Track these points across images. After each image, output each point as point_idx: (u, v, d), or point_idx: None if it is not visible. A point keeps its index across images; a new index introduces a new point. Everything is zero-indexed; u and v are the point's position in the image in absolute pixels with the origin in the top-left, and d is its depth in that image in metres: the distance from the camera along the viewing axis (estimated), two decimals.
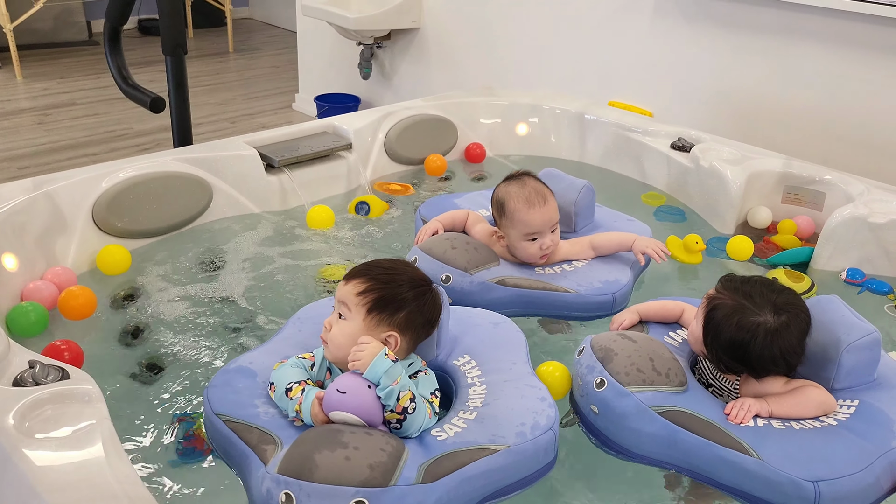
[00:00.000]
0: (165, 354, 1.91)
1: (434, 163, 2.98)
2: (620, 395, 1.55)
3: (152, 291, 2.18)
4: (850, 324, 1.61)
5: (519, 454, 1.41)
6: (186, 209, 2.45)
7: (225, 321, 2.06)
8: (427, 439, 1.42)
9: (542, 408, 1.50)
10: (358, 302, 1.51)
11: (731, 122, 3.34)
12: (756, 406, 1.53)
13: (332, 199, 2.75)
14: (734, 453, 1.45)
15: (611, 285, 2.02)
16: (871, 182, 2.56)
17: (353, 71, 5.11)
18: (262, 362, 1.64)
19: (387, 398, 1.39)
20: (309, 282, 2.26)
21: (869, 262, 2.40)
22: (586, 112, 3.17)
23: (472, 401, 1.53)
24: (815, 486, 1.38)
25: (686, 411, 1.52)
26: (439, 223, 2.21)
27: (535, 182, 2.08)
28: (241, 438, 1.45)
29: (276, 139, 2.73)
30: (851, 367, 1.60)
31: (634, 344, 1.63)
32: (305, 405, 1.45)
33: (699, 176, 2.72)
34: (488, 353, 1.67)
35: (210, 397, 1.55)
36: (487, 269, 2.02)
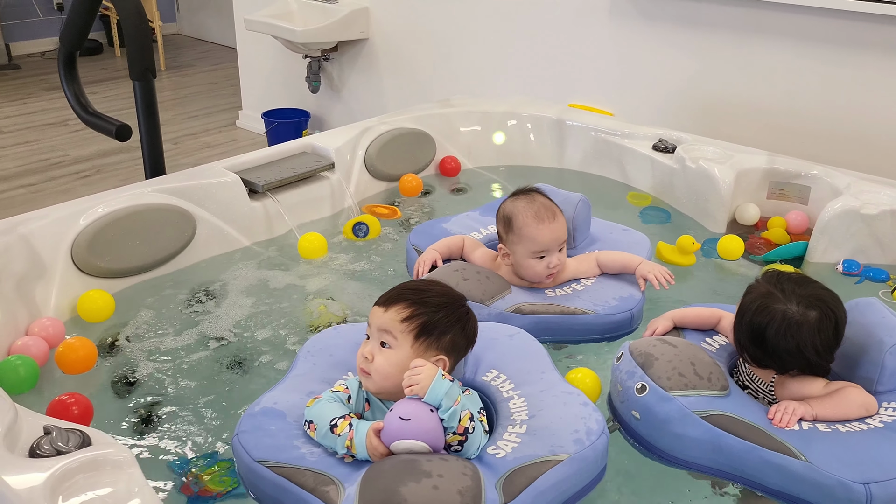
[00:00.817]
0: (164, 401, 1.80)
1: (409, 183, 2.88)
2: (663, 399, 1.54)
3: (142, 335, 2.05)
4: (891, 325, 1.61)
5: (582, 461, 1.39)
6: (171, 243, 2.31)
7: (222, 361, 1.96)
8: (486, 458, 1.38)
9: (588, 413, 1.49)
10: (404, 329, 1.45)
11: (694, 120, 3.37)
12: (801, 409, 1.52)
13: (319, 223, 2.64)
14: (781, 456, 1.44)
15: (626, 302, 1.99)
16: (855, 174, 2.60)
17: (300, 85, 4.97)
18: (287, 401, 1.55)
19: (450, 420, 1.35)
20: (306, 316, 2.16)
21: (862, 252, 2.44)
22: (564, 117, 3.14)
23: (517, 414, 1.50)
24: (867, 489, 1.37)
25: (730, 415, 1.51)
26: (436, 252, 2.13)
27: (544, 198, 2.04)
28: (295, 483, 1.37)
29: (254, 162, 2.61)
30: (895, 369, 1.59)
31: (675, 349, 1.62)
32: (358, 439, 1.38)
33: (686, 177, 2.72)
34: (514, 365, 1.64)
35: (245, 444, 1.45)
36: (502, 298, 1.96)
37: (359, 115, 4.80)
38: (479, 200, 2.93)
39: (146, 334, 2.05)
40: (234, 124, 5.56)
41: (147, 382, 1.87)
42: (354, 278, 2.33)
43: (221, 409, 1.78)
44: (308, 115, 4.98)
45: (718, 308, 1.82)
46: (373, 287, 2.27)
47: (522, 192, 2.08)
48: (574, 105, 3.78)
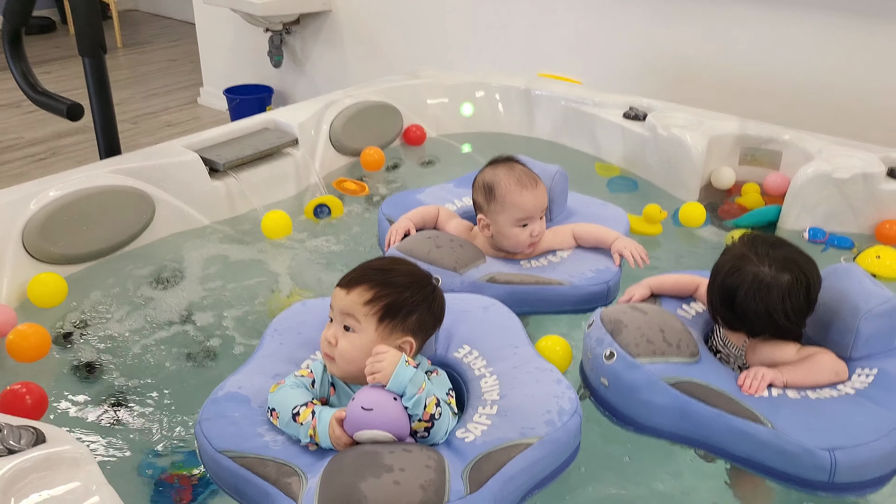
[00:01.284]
0: (125, 389, 1.73)
1: (371, 157, 2.79)
2: (630, 367, 1.52)
3: (100, 320, 1.98)
4: (868, 291, 1.58)
5: (553, 443, 1.35)
6: (128, 226, 2.22)
7: (185, 344, 1.90)
8: (455, 443, 1.34)
9: (561, 391, 1.44)
10: (367, 311, 1.39)
11: (663, 86, 3.32)
12: (770, 375, 1.50)
13: (284, 202, 2.56)
14: (748, 423, 1.42)
15: (603, 274, 1.95)
16: (827, 138, 2.58)
17: (262, 60, 4.84)
18: (251, 385, 1.50)
19: (414, 407, 1.30)
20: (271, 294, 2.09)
21: (834, 217, 2.42)
22: (532, 87, 3.08)
23: (488, 394, 1.45)
24: (832, 455, 1.36)
25: (698, 382, 1.49)
26: (409, 221, 2.08)
27: (523, 166, 2.00)
28: (257, 475, 1.32)
29: (215, 140, 2.52)
30: (870, 335, 1.57)
31: (645, 315, 1.60)
32: (321, 428, 1.33)
33: (658, 145, 2.68)
34: (487, 340, 1.59)
35: (206, 433, 1.39)
36: (476, 268, 1.91)
37: (323, 89, 4.69)
38: (448, 172, 2.87)
39: (104, 319, 1.97)
40: (196, 101, 5.42)
41: (107, 369, 1.80)
42: (322, 258, 2.26)
43: (186, 394, 1.72)
44: (271, 90, 4.85)
45: (697, 275, 1.78)
46: (341, 266, 2.21)
47: (501, 160, 2.02)
48: (543, 75, 3.72)
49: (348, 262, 2.21)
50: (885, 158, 2.46)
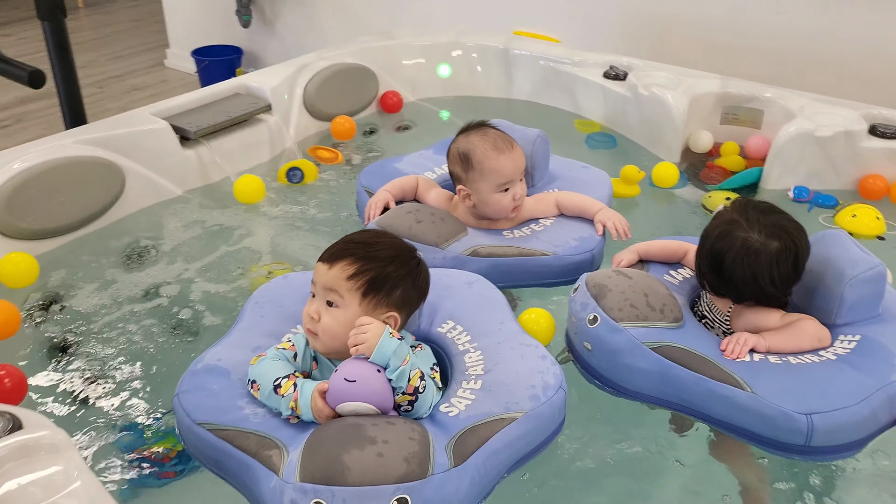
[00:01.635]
0: (102, 366, 1.70)
1: (342, 125, 2.71)
2: (613, 331, 1.52)
3: (73, 297, 1.93)
4: (854, 258, 1.57)
5: (537, 418, 1.34)
6: (98, 199, 2.15)
7: (163, 319, 1.86)
8: (439, 417, 1.32)
9: (546, 366, 1.42)
10: (350, 287, 1.36)
11: (642, 43, 3.27)
12: (752, 340, 1.50)
13: (257, 169, 2.49)
14: (727, 387, 1.43)
15: (587, 242, 1.91)
16: (808, 95, 2.56)
17: (230, 20, 4.71)
18: (231, 357, 1.47)
19: (398, 380, 1.28)
20: (250, 263, 2.05)
21: (816, 176, 2.41)
22: (510, 46, 3.01)
23: (472, 368, 1.43)
24: (808, 419, 1.37)
25: (680, 346, 1.49)
26: (388, 194, 2.03)
27: (496, 130, 1.94)
28: (236, 447, 1.30)
29: (185, 107, 2.44)
30: (854, 302, 1.55)
31: (629, 280, 1.59)
32: (303, 401, 1.30)
33: (639, 105, 2.64)
34: (471, 315, 1.56)
35: (185, 405, 1.37)
36: (458, 241, 1.87)
37: (295, 50, 4.57)
38: (425, 137, 2.81)
39: (77, 296, 1.92)
40: (163, 64, 5.27)
41: (81, 347, 1.76)
42: (297, 225, 2.22)
43: (164, 369, 1.69)
44: (241, 51, 4.72)
45: (685, 241, 1.76)
46: (317, 235, 2.17)
47: (473, 126, 1.97)
48: (519, 33, 3.65)
49: (324, 230, 2.18)
50: (866, 115, 2.45)
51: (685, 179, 2.51)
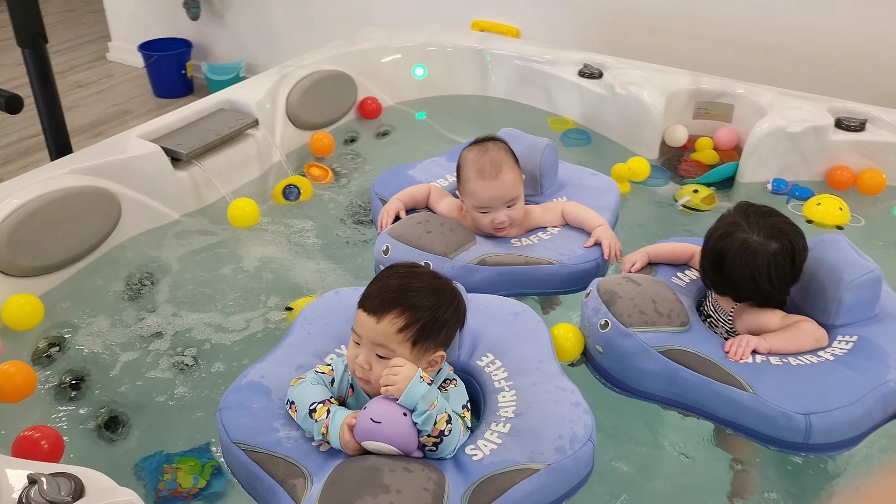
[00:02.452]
0: (118, 404, 1.71)
1: (321, 141, 2.68)
2: (623, 335, 1.60)
3: (80, 333, 1.92)
4: (852, 262, 1.65)
5: (560, 472, 1.33)
6: (96, 229, 2.12)
7: (171, 348, 1.86)
8: (463, 460, 1.34)
9: (577, 415, 1.41)
10: (401, 339, 1.37)
11: (599, 32, 3.34)
12: (755, 342, 1.59)
13: (249, 185, 2.48)
14: (730, 389, 1.52)
15: (592, 251, 1.96)
16: (777, 90, 2.68)
17: (176, 11, 4.57)
18: (275, 375, 1.50)
19: (424, 424, 1.31)
20: (254, 290, 2.06)
21: (789, 169, 2.54)
22: (485, 46, 3.04)
23: (504, 410, 1.44)
24: (807, 419, 1.46)
25: (686, 350, 1.58)
26: (400, 202, 2.06)
27: (497, 151, 1.95)
28: (266, 471, 1.34)
29: (170, 127, 2.40)
30: (852, 304, 1.64)
31: (638, 287, 1.67)
32: (333, 428, 1.34)
33: (617, 104, 2.72)
34: (512, 349, 1.57)
35: (225, 422, 1.41)
36: (467, 251, 1.91)
37: (247, 43, 4.49)
38: (406, 142, 2.84)
39: (85, 333, 1.91)
40: (105, 58, 5.08)
41: (96, 386, 1.76)
42: (298, 247, 2.22)
43: (181, 401, 1.71)
44: (190, 44, 4.61)
45: (691, 243, 1.85)
46: (320, 255, 2.18)
47: (480, 140, 2.00)
48: (478, 23, 3.67)
49: (328, 251, 2.19)
50: (831, 109, 2.58)
51: (665, 175, 2.61)
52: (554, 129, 2.88)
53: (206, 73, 4.43)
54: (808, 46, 2.96)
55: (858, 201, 2.47)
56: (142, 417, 1.66)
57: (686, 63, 2.90)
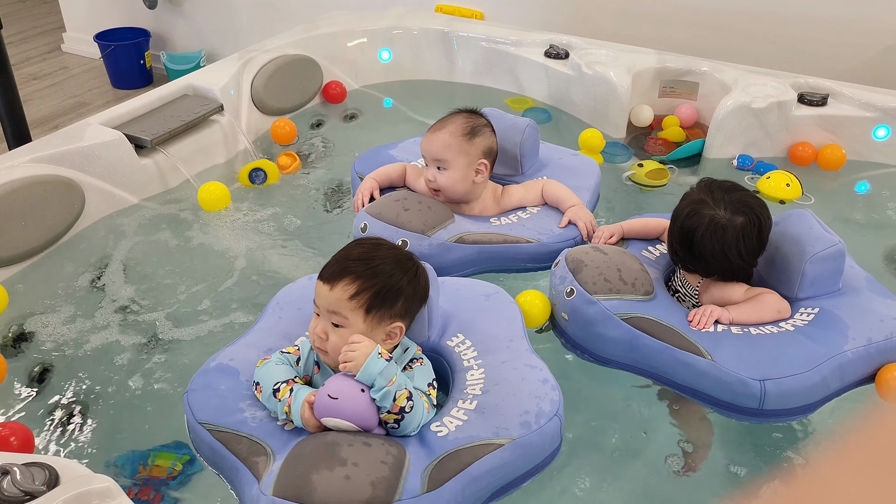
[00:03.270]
0: (87, 393, 1.68)
1: (283, 129, 2.63)
2: (588, 302, 1.63)
3: (46, 323, 1.87)
4: (816, 236, 1.68)
5: (525, 447, 1.33)
6: (59, 218, 2.07)
7: (139, 334, 1.83)
8: (428, 437, 1.34)
9: (544, 391, 1.41)
10: (353, 306, 1.37)
11: (564, 14, 3.34)
12: (717, 312, 1.62)
13: (215, 170, 2.44)
14: (689, 355, 1.55)
15: (570, 230, 1.98)
16: (741, 67, 2.70)
17: (133, 0, 4.47)
18: (244, 357, 1.51)
19: (382, 400, 1.31)
20: (224, 274, 2.02)
21: (753, 144, 2.57)
22: (451, 29, 3.03)
23: (471, 388, 1.43)
24: (762, 385, 1.49)
25: (649, 318, 1.61)
26: (374, 181, 2.07)
27: (458, 119, 1.98)
28: (229, 450, 1.36)
29: (134, 113, 2.35)
30: (815, 277, 1.67)
31: (605, 256, 1.71)
32: (295, 407, 1.35)
33: (584, 84, 2.72)
34: (483, 329, 1.57)
35: (191, 403, 1.43)
36: (444, 228, 1.91)
37: (207, 31, 4.41)
38: (373, 125, 2.83)
39: (50, 322, 1.87)
40: (60, 49, 4.96)
41: (65, 373, 1.72)
42: (264, 231, 2.19)
43: (152, 388, 1.68)
44: (148, 34, 4.51)
45: (665, 218, 1.86)
46: (289, 239, 2.16)
47: (470, 109, 2.04)
48: (441, 7, 3.65)
49: (300, 233, 2.17)
50: (793, 84, 2.62)
51: (627, 151, 2.63)
52: (513, 108, 2.87)
53: (165, 62, 4.34)
54: (770, 24, 2.99)
55: (820, 177, 2.51)
56: (110, 408, 1.63)
57: (650, 43, 2.92)
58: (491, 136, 1.99)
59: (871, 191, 2.48)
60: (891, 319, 1.63)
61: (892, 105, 2.50)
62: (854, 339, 1.58)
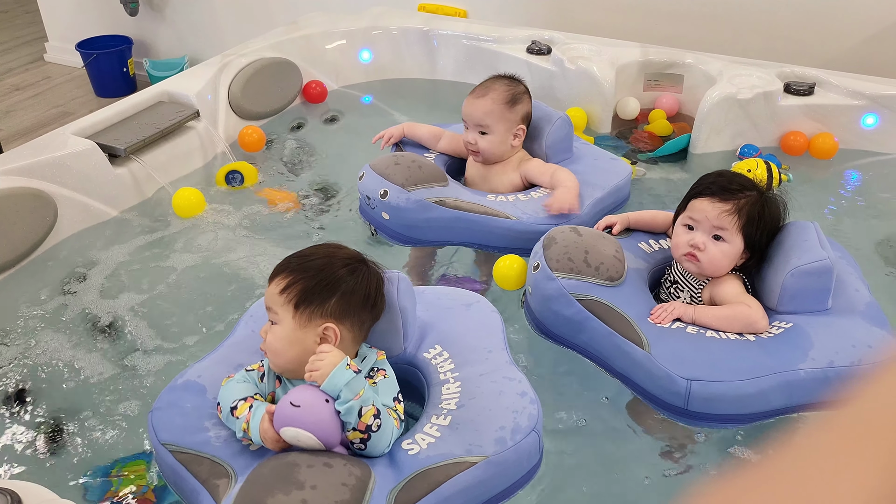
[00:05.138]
0: (55, 410, 1.63)
1: (250, 137, 2.53)
2: (548, 278, 1.66)
3: (19, 341, 1.82)
4: (805, 249, 1.60)
5: (499, 465, 1.26)
6: (30, 232, 2.02)
7: (116, 352, 1.78)
8: (398, 455, 1.27)
9: (522, 405, 1.34)
10: (283, 301, 1.33)
11: (546, 10, 3.30)
12: (679, 310, 1.59)
13: (192, 177, 2.40)
14: (629, 344, 1.54)
15: (556, 218, 1.94)
16: (725, 58, 2.66)
17: (114, 8, 4.43)
18: (212, 374, 1.44)
19: (347, 414, 1.23)
20: (203, 283, 1.98)
21: (740, 136, 2.53)
22: (431, 27, 2.98)
23: (446, 402, 1.36)
24: (688, 384, 1.45)
25: (603, 302, 1.61)
26: (401, 129, 2.24)
27: (504, 83, 2.08)
28: (189, 472, 1.29)
29: (107, 122, 2.30)
30: (797, 292, 1.58)
31: (578, 237, 1.70)
32: (254, 423, 1.27)
33: (567, 79, 2.68)
34: (461, 341, 1.50)
35: (154, 423, 1.36)
36: (428, 188, 1.96)
37: (190, 37, 4.37)
38: (354, 127, 2.78)
39: (25, 337, 1.82)
40: (42, 59, 4.91)
41: (37, 393, 1.68)
42: (247, 236, 2.15)
43: (128, 405, 1.63)
44: (130, 41, 4.46)
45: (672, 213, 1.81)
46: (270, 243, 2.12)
47: (510, 75, 2.14)
48: (425, 5, 3.60)
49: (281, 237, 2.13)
50: (779, 74, 2.57)
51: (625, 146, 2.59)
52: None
53: (148, 69, 4.29)
54: (754, 14, 2.95)
55: (812, 166, 2.47)
56: (80, 428, 1.58)
57: (633, 36, 2.88)
58: (528, 103, 2.10)
59: (862, 179, 2.44)
60: (865, 347, 1.51)
61: (880, 93, 2.45)
62: (814, 359, 1.48)
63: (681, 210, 1.68)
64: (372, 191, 1.98)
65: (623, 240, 1.80)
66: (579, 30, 2.93)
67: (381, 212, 1.99)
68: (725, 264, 1.63)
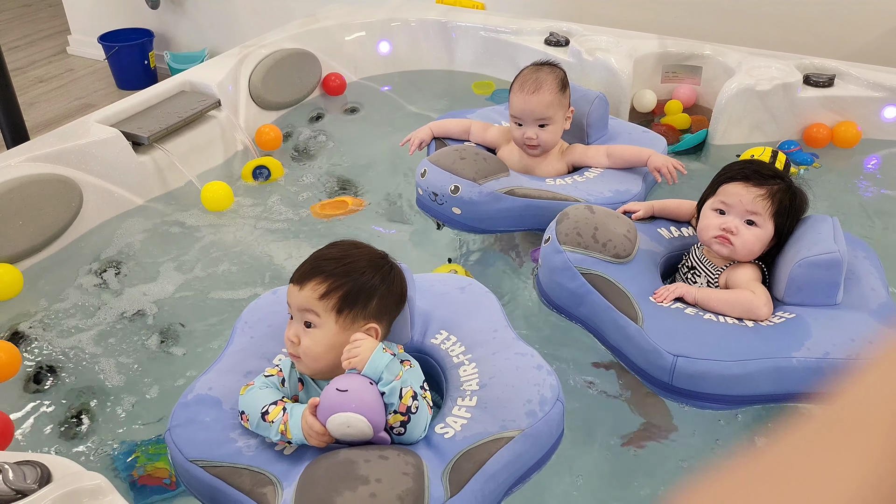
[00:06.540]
0: (89, 391, 1.66)
1: (267, 135, 2.56)
2: (555, 251, 1.69)
3: (47, 324, 1.86)
4: (816, 241, 1.59)
5: (534, 436, 1.30)
6: (57, 218, 2.06)
7: (142, 337, 1.82)
8: (435, 440, 1.29)
9: (541, 377, 1.38)
10: (324, 306, 1.32)
11: (564, 1, 3.30)
12: (682, 290, 1.60)
13: (215, 169, 2.43)
14: (624, 318, 1.56)
15: (620, 195, 1.97)
16: (744, 50, 2.66)
17: (135, 1, 4.48)
18: (222, 385, 1.41)
19: (390, 395, 1.25)
20: (230, 274, 2.01)
21: (758, 128, 2.53)
22: (449, 19, 3.00)
23: (467, 384, 1.39)
24: (674, 359, 1.46)
25: (606, 278, 1.63)
26: (429, 129, 2.21)
27: (547, 74, 2.06)
28: (230, 485, 1.25)
29: (130, 111, 2.34)
30: (803, 283, 1.56)
31: (591, 214, 1.73)
32: (293, 422, 1.27)
33: (585, 71, 2.69)
34: (465, 323, 1.52)
35: (177, 442, 1.31)
36: (496, 180, 1.96)
37: (210, 30, 4.41)
38: (374, 118, 2.80)
39: (52, 321, 1.86)
40: (65, 51, 4.98)
41: (65, 374, 1.71)
42: (271, 228, 2.18)
43: (154, 388, 1.67)
44: (152, 34, 4.51)
45: None
46: (295, 237, 2.14)
47: (543, 62, 2.12)
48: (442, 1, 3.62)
49: (306, 231, 2.16)
50: (798, 66, 2.57)
51: None
52: (478, 92, 2.87)
53: (169, 62, 4.34)
54: (774, 5, 2.94)
55: (834, 157, 2.46)
56: (112, 408, 1.62)
57: (651, 28, 2.88)
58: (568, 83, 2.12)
59: (882, 169, 2.43)
60: (865, 342, 1.48)
61: None
62: (809, 349, 1.46)
63: (708, 195, 1.68)
64: (439, 187, 1.95)
65: (643, 224, 1.81)
66: (597, 22, 2.94)
67: (452, 207, 1.96)
68: (758, 248, 1.63)
